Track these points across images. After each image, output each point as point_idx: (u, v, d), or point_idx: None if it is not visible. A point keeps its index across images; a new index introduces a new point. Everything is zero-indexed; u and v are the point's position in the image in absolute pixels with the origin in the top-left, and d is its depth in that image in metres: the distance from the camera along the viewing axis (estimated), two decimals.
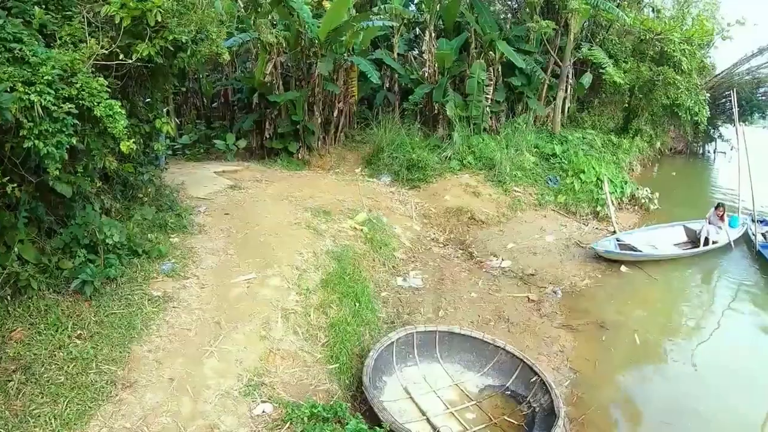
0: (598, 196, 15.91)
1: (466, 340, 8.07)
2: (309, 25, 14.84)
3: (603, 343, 9.26)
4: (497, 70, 18.27)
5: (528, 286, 11.03)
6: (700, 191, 24.30)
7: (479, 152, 16.57)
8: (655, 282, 12.16)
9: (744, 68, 32.36)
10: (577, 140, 19.18)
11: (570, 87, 20.51)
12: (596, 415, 7.35)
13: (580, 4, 17.02)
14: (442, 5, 18.09)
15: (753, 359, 9.59)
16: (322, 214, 10.76)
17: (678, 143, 33.88)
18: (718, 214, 14.64)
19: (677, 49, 19.99)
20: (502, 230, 13.51)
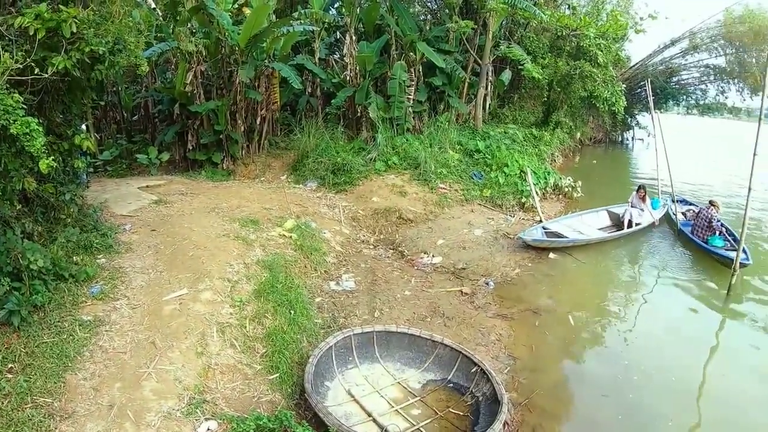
0: (522, 187, 16.53)
1: (404, 337, 8.19)
2: (229, 32, 14.76)
3: (538, 328, 9.67)
4: (418, 71, 18.60)
5: (460, 280, 11.34)
6: (621, 177, 25.44)
7: (404, 152, 16.84)
8: (583, 266, 12.82)
9: (658, 59, 34.24)
10: (500, 135, 19.79)
11: (490, 84, 21.14)
12: (539, 397, 7.66)
13: (498, 4, 17.53)
14: (362, 8, 18.33)
15: (681, 329, 10.42)
16: (250, 223, 10.72)
17: (597, 133, 35.38)
18: (639, 195, 15.65)
19: (593, 44, 20.85)
20: (430, 227, 13.78)
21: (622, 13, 25.31)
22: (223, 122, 15.39)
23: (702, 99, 37.28)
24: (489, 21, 18.94)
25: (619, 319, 10.63)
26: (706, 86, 36.34)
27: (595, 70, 20.95)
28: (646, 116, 32.68)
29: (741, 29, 29.84)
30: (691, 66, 35.28)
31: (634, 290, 12.33)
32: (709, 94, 36.84)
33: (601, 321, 10.43)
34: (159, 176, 14.85)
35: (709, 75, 35.07)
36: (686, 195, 20.03)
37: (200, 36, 15.03)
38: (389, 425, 6.58)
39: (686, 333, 10.31)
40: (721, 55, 33.15)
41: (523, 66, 19.50)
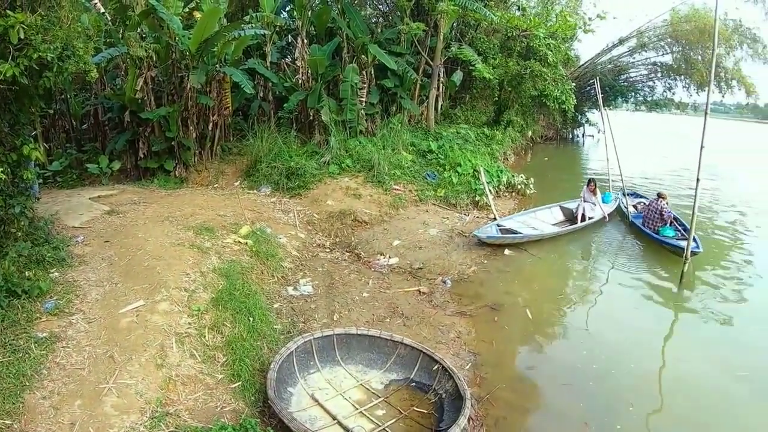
0: (475, 186, 16.87)
1: (365, 339, 8.24)
2: (180, 36, 14.66)
3: (497, 323, 9.88)
4: (370, 73, 18.83)
5: (418, 279, 11.50)
6: (573, 173, 26.15)
7: (357, 155, 16.94)
8: (538, 260, 13.24)
9: (606, 58, 35.44)
10: (452, 135, 20.10)
11: (442, 85, 21.53)
12: (501, 391, 7.85)
13: (449, 6, 17.83)
14: (314, 12, 18.37)
15: (637, 317, 10.90)
16: (205, 231, 10.65)
17: (548, 131, 36.47)
18: (590, 189, 16.19)
19: (543, 44, 21.47)
20: (386, 229, 13.93)
21: (571, 13, 26.13)
22: (174, 129, 15.23)
23: (650, 95, 38.93)
24: (440, 23, 19.25)
25: (576, 311, 11.00)
26: (654, 83, 37.94)
27: (545, 69, 21.58)
28: (596, 113, 33.59)
29: (687, 28, 31.18)
30: (639, 64, 36.74)
31: (590, 282, 12.77)
32: (656, 91, 38.47)
33: (558, 313, 10.81)
34: (111, 186, 14.62)
35: (657, 72, 36.55)
36: (637, 188, 20.99)
37: (150, 41, 14.80)
38: (354, 427, 6.64)
39: (642, 321, 10.76)
40: (668, 53, 34.67)
41: (474, 66, 19.90)
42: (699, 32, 30.49)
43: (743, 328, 10.65)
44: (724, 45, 31.38)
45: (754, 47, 32.44)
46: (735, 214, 20.22)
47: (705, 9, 30.78)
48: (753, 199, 23.27)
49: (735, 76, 33.19)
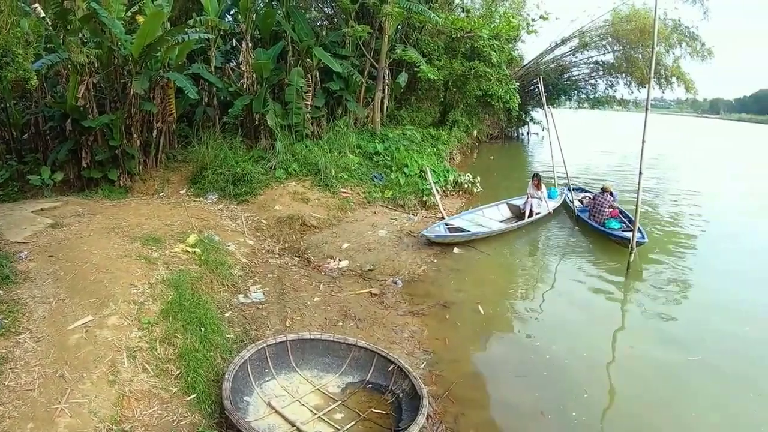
0: (423, 186, 17.18)
1: (318, 343, 8.27)
2: (122, 41, 14.37)
3: (449, 321, 10.10)
4: (315, 76, 18.95)
5: (368, 281, 11.65)
6: (519, 171, 26.80)
7: (303, 159, 16.98)
8: (487, 257, 13.60)
9: (549, 57, 36.49)
10: (398, 137, 20.43)
11: (387, 87, 21.64)
12: (458, 387, 7.99)
13: (394, 8, 18.18)
14: (259, 15, 18.32)
15: (587, 308, 11.48)
16: (152, 241, 10.51)
17: (494, 130, 37.37)
18: (534, 183, 16.76)
19: (487, 45, 21.95)
20: (335, 232, 14.04)
21: (515, 14, 26.60)
22: (117, 137, 14.90)
23: (592, 93, 40.34)
24: (385, 25, 19.56)
25: (527, 304, 11.36)
26: (596, 81, 39.21)
27: (489, 69, 22.09)
28: (540, 112, 34.34)
29: (627, 27, 32.37)
30: (582, 63, 38.01)
31: (539, 275, 13.26)
32: (599, 89, 39.82)
33: (509, 307, 11.14)
34: (54, 198, 14.17)
35: (599, 71, 37.88)
36: (581, 183, 21.94)
37: (92, 46, 14.57)
38: None
39: (592, 311, 11.30)
40: (610, 52, 36.02)
41: (419, 68, 20.22)
42: (639, 31, 31.72)
43: (691, 313, 11.34)
44: (664, 43, 32.72)
45: (693, 45, 33.81)
46: (677, 204, 21.60)
47: (645, 9, 32.00)
48: (694, 189, 24.91)
49: (674, 74, 34.49)
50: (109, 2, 14.39)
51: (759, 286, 13.01)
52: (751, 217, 20.34)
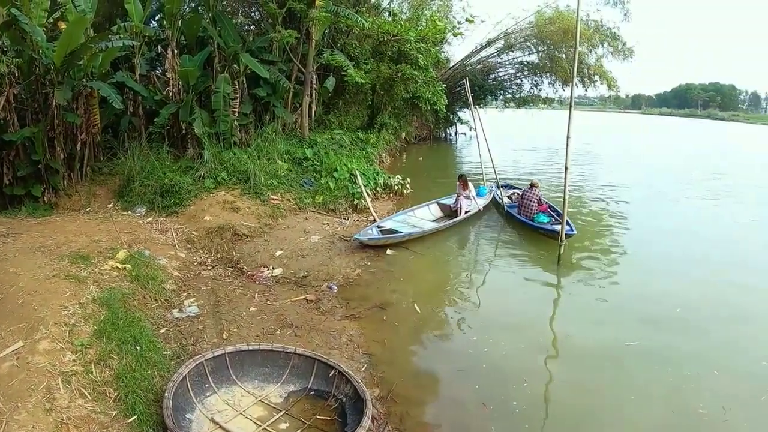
0: (353, 190, 17.40)
1: (257, 354, 8.23)
2: (44, 49, 13.99)
3: (387, 322, 10.27)
4: (242, 83, 18.96)
5: (303, 288, 11.69)
6: (448, 170, 27.40)
7: (232, 167, 16.93)
8: (421, 257, 13.91)
9: (475, 59, 37.33)
10: (327, 141, 20.72)
11: (315, 92, 21.92)
12: (401, 387, 8.14)
13: (321, 13, 18.44)
14: (184, 20, 18.17)
15: (521, 300, 11.98)
16: (81, 259, 10.27)
17: (422, 131, 38.23)
18: (461, 184, 17.25)
19: (413, 48, 22.24)
20: (267, 240, 14.06)
21: (441, 18, 27.19)
22: (40, 151, 14.40)
23: (518, 93, 41.66)
24: (312, 30, 19.73)
25: (463, 300, 11.72)
26: (521, 81, 40.58)
27: (416, 72, 22.44)
28: (467, 112, 35.10)
29: (551, 29, 33.62)
30: (507, 64, 39.32)
31: (473, 271, 13.73)
32: (524, 88, 41.15)
33: (445, 304, 11.45)
34: None
35: (524, 71, 39.24)
36: (510, 179, 22.94)
37: (12, 55, 14.14)
38: None
39: (527, 302, 11.76)
40: (534, 53, 37.42)
41: (346, 72, 20.56)
42: (563, 32, 32.93)
43: (623, 299, 11.98)
44: (587, 44, 34.10)
45: (615, 45, 35.37)
46: (602, 195, 23.01)
47: (568, 11, 33.20)
48: (617, 180, 26.65)
49: (597, 72, 36.04)
50: (30, 8, 13.97)
51: (684, 267, 14.10)
52: (671, 203, 22.48)
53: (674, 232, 17.71)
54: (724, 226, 19.22)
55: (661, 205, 22.01)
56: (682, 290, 12.52)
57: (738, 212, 21.33)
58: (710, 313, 11.40)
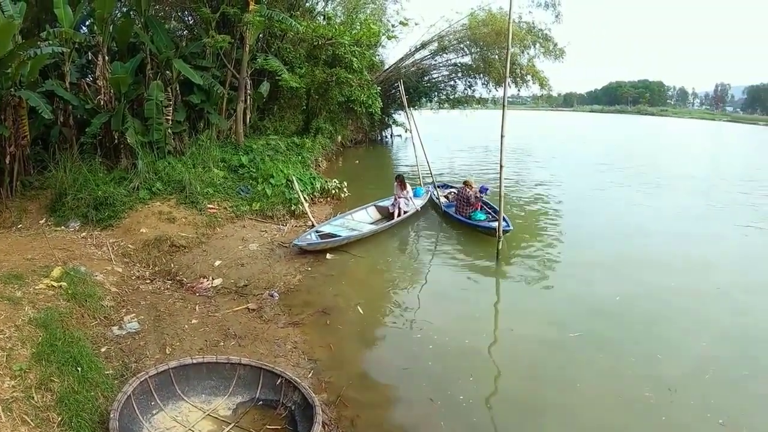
0: (290, 196, 17.56)
1: (202, 367, 8.14)
2: None
3: (331, 327, 10.40)
4: (175, 89, 18.72)
5: (245, 297, 11.72)
6: (384, 172, 28.09)
7: (167, 176, 16.74)
8: (361, 260, 14.23)
9: (410, 61, 37.73)
10: (262, 147, 20.77)
11: (249, 97, 21.84)
12: (349, 390, 8.26)
13: (255, 17, 18.43)
14: (116, 26, 17.89)
15: (463, 297, 12.37)
16: (14, 279, 10.05)
17: (358, 134, 38.65)
18: (399, 184, 17.67)
19: (348, 51, 22.63)
20: (205, 250, 14.02)
21: (375, 21, 27.61)
22: None
23: (452, 94, 42.78)
24: (246, 34, 19.75)
25: (405, 300, 12.03)
26: (455, 82, 41.82)
27: (350, 75, 22.92)
28: (402, 114, 35.60)
29: (484, 30, 34.47)
30: (441, 65, 40.16)
31: (414, 271, 14.10)
32: (458, 89, 42.37)
33: (388, 305, 11.71)
34: None
35: (458, 72, 40.32)
36: (446, 179, 23.64)
37: None
38: None
39: (469, 299, 12.18)
40: (468, 54, 38.35)
41: (280, 77, 20.71)
42: (495, 34, 33.82)
43: (563, 291, 12.61)
44: (519, 45, 35.17)
45: (546, 45, 36.66)
46: (537, 191, 24.26)
47: (501, 13, 34.11)
48: (552, 176, 28.33)
49: (529, 72, 37.26)
50: None
51: (620, 257, 15.01)
52: (604, 195, 24.21)
53: (608, 223, 19.02)
54: (655, 216, 20.50)
55: (594, 198, 23.73)
56: (619, 279, 13.33)
57: (668, 201, 23.23)
58: (649, 299, 12.09)
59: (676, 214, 20.93)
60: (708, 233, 18.04)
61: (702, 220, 20.12)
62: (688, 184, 28.10)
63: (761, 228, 18.88)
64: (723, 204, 22.98)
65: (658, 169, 33.58)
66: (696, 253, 15.59)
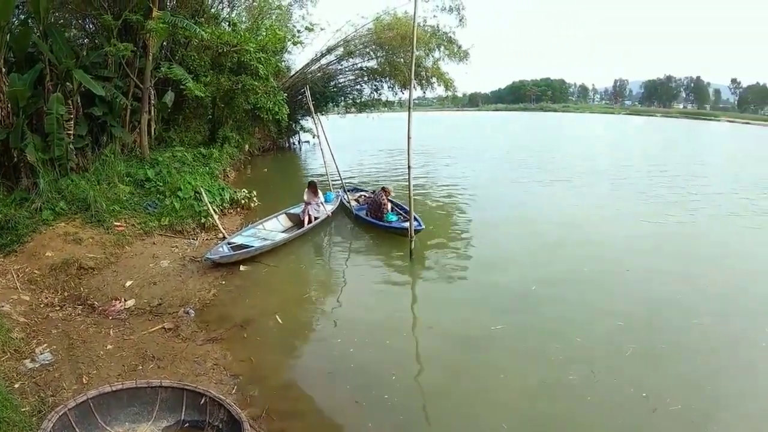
0: (199, 208, 17.55)
1: (123, 394, 7.94)
2: None
3: (250, 339, 10.53)
4: (77, 102, 18.23)
5: (160, 316, 11.64)
6: (294, 179, 28.63)
7: (71, 195, 16.32)
8: (275, 269, 14.46)
9: (316, 67, 38.07)
10: (168, 160, 20.59)
11: (153, 108, 21.72)
12: (275, 402, 8.39)
13: (158, 24, 18.25)
14: (12, 35, 17.25)
15: (381, 298, 12.92)
16: None
17: (265, 142, 38.89)
18: (311, 191, 18.00)
19: (253, 58, 22.83)
20: (115, 271, 13.83)
21: (281, 26, 27.81)
22: None
23: (359, 98, 43.33)
24: (149, 42, 19.57)
25: (323, 305, 12.44)
26: (362, 86, 42.43)
27: (256, 83, 23.14)
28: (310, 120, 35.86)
29: (390, 34, 35.29)
30: (347, 70, 40.77)
31: (330, 276, 14.68)
32: (364, 93, 43.02)
33: (306, 312, 12.08)
34: None
35: (364, 76, 40.98)
36: (355, 183, 24.56)
37: None
38: None
39: (385, 300, 12.69)
40: (373, 59, 39.04)
41: (185, 86, 20.64)
42: (401, 38, 34.60)
43: (478, 285, 13.44)
44: (424, 48, 36.02)
45: (450, 48, 37.77)
46: (447, 189, 25.46)
47: (406, 17, 35.02)
48: (460, 173, 30.31)
49: (434, 74, 38.35)
50: None
51: (530, 248, 16.25)
52: (511, 190, 26.24)
53: (516, 216, 20.51)
54: (560, 207, 22.51)
55: (502, 193, 25.46)
56: (532, 269, 14.38)
57: (570, 194, 25.34)
58: (562, 285, 13.14)
59: (580, 202, 23.45)
60: (606, 216, 21.01)
61: (605, 205, 23.01)
62: (591, 177, 30.68)
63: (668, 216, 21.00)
64: (618, 189, 26.50)
65: (556, 160, 37.72)
66: (598, 236, 17.65)
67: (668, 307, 12.06)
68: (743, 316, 11.80)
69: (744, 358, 10.01)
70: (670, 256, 15.94)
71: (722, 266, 15.13)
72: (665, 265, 15.03)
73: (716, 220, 20.74)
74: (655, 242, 17.24)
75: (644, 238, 17.66)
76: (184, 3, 22.71)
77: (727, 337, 10.80)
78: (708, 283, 13.71)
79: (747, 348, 10.38)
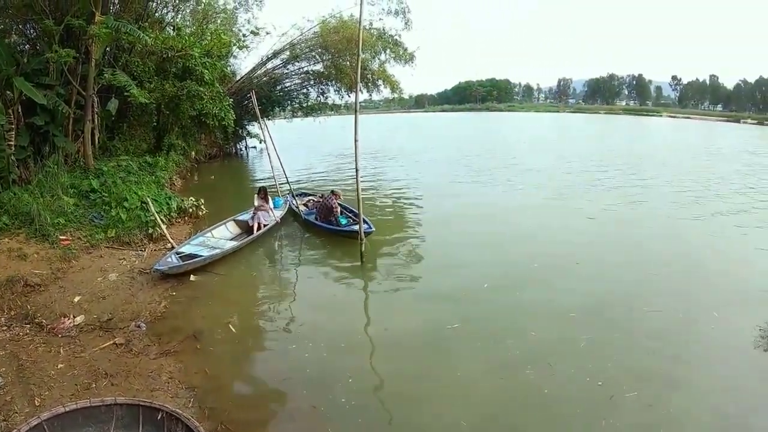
0: (146, 219, 17.33)
1: (77, 414, 7.59)
2: None
3: (203, 350, 10.44)
4: (17, 111, 17.83)
5: (110, 332, 11.37)
6: (241, 186, 28.92)
7: (13, 209, 15.93)
8: (225, 278, 14.40)
9: (262, 71, 38.17)
10: (113, 170, 20.25)
11: (97, 116, 21.41)
12: (233, 412, 8.36)
13: (100, 29, 17.94)
14: None
15: (334, 301, 13.06)
16: None
17: (212, 149, 38.68)
18: (261, 197, 18.19)
19: (198, 63, 22.70)
20: (62, 286, 13.53)
21: (226, 31, 27.76)
22: None
23: (305, 102, 43.54)
24: (91, 48, 19.18)
25: (276, 311, 12.41)
26: (308, 90, 42.69)
27: (202, 88, 23.07)
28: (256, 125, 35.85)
29: (335, 38, 35.54)
30: (293, 74, 40.95)
31: (282, 283, 14.67)
32: (311, 97, 43.20)
33: (259, 319, 12.15)
34: None
35: (310, 80, 41.23)
36: (303, 187, 24.77)
37: None
38: None
39: (338, 303, 12.83)
40: (319, 62, 39.31)
41: (129, 92, 20.38)
42: (347, 41, 34.83)
43: (431, 285, 13.68)
44: (370, 51, 36.45)
45: (396, 51, 38.22)
46: (396, 190, 26.07)
47: (352, 20, 35.10)
48: (408, 174, 31.28)
49: (380, 77, 38.75)
50: None
51: (479, 245, 16.75)
52: (457, 190, 26.79)
53: (465, 215, 21.05)
54: (507, 205, 23.45)
55: (449, 193, 25.93)
56: (483, 266, 14.77)
57: (517, 193, 26.30)
58: (513, 281, 13.65)
59: (526, 201, 24.37)
60: (554, 211, 21.95)
61: (552, 201, 23.91)
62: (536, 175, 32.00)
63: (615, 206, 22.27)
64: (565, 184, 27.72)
65: (507, 162, 38.34)
66: (546, 230, 18.40)
67: (618, 297, 12.71)
68: (690, 301, 12.52)
69: (693, 342, 10.61)
70: (617, 247, 16.85)
71: (668, 255, 16.02)
72: (614, 256, 15.84)
73: (660, 211, 22.07)
74: (603, 234, 18.24)
75: (591, 231, 18.61)
76: (128, 7, 22.56)
77: (677, 323, 11.39)
78: (655, 271, 14.51)
79: (696, 332, 11.01)
